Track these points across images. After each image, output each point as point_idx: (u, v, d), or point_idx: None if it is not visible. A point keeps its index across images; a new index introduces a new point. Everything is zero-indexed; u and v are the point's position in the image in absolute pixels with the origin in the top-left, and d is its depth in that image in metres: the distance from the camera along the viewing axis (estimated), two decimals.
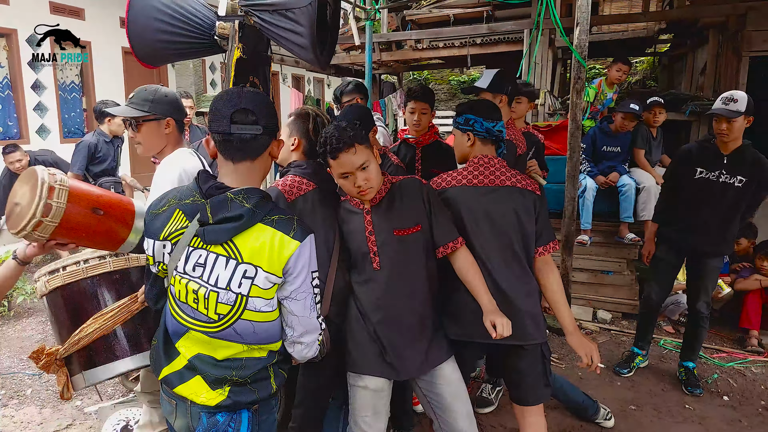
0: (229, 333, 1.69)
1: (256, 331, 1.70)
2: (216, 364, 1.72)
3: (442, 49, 8.72)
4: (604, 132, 5.47)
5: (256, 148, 1.70)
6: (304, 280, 1.70)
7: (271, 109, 1.73)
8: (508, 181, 2.49)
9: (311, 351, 1.80)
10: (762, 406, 3.81)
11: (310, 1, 3.03)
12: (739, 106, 3.46)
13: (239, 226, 1.63)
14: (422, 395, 2.45)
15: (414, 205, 2.32)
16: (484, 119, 2.53)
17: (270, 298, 1.68)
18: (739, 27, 5.99)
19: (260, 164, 1.74)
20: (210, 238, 1.65)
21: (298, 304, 1.71)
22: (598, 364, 2.40)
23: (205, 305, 1.69)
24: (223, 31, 3.33)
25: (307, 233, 1.70)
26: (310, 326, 1.75)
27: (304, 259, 1.68)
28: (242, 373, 1.73)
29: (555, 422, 3.51)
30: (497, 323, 2.18)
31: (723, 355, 4.61)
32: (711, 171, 3.71)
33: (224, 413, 1.74)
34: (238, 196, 1.64)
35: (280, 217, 1.68)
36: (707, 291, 3.91)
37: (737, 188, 3.65)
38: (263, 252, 1.64)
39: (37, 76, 8.16)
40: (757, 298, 4.86)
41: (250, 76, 3.46)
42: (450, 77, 16.77)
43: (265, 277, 1.65)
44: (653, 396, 3.92)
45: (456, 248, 2.32)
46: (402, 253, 2.29)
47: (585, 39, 4.42)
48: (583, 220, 5.34)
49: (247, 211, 1.62)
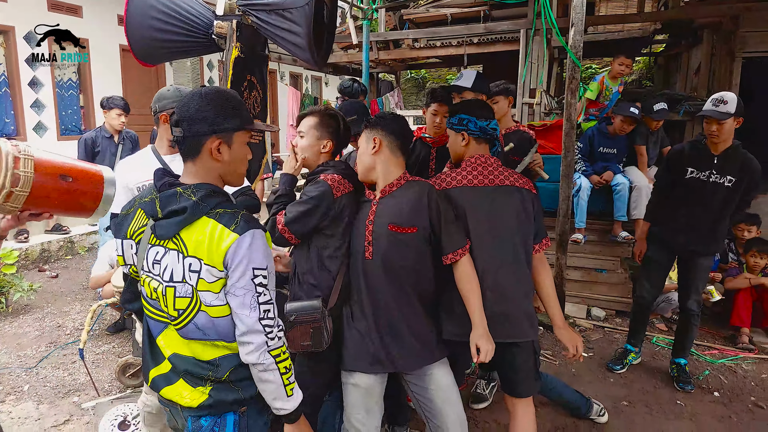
0: (190, 328, 1.70)
1: (215, 326, 1.69)
2: (192, 362, 1.73)
3: (440, 48, 8.76)
4: (602, 133, 5.51)
5: (189, 149, 1.70)
6: (243, 275, 1.64)
7: (202, 111, 1.68)
8: (506, 180, 2.53)
9: (254, 356, 1.66)
10: (752, 402, 3.86)
11: (307, 2, 3.06)
12: (728, 107, 3.51)
13: (184, 220, 1.64)
14: (414, 398, 2.49)
15: (416, 208, 2.35)
16: (478, 118, 2.57)
17: (217, 292, 1.66)
18: (733, 28, 6.05)
19: (203, 164, 1.72)
20: (159, 233, 1.68)
21: (236, 299, 1.65)
22: (581, 353, 2.57)
23: (165, 302, 1.71)
24: (220, 30, 3.35)
25: (250, 227, 1.66)
26: (249, 326, 1.66)
27: (242, 253, 1.63)
28: (219, 371, 1.72)
29: (548, 419, 3.55)
30: (482, 349, 2.27)
31: (714, 352, 4.66)
32: (702, 171, 3.77)
33: (208, 417, 1.74)
34: (187, 191, 1.66)
35: (225, 211, 1.67)
36: (698, 289, 3.97)
37: (727, 188, 3.71)
38: (203, 244, 1.63)
39: (35, 73, 8.16)
40: (747, 297, 4.91)
41: (248, 75, 3.50)
42: (447, 76, 16.80)
43: (207, 270, 1.64)
44: (645, 392, 3.97)
45: (464, 255, 2.37)
46: (393, 248, 2.34)
47: (580, 39, 4.46)
48: (578, 219, 5.38)
49: (192, 204, 1.63)
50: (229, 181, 1.81)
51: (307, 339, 2.34)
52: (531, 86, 7.18)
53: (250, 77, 3.52)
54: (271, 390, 1.70)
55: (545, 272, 2.64)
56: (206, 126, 1.68)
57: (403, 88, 14.66)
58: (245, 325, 1.65)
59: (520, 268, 2.51)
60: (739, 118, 3.58)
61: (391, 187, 2.41)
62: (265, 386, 1.70)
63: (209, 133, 1.69)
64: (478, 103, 2.74)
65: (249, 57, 3.48)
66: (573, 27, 4.46)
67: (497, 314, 2.42)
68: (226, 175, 1.79)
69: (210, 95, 1.71)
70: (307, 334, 2.33)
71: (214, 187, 1.72)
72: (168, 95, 2.92)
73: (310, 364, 2.48)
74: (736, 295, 4.96)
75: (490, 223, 2.47)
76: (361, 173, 2.49)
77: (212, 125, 1.68)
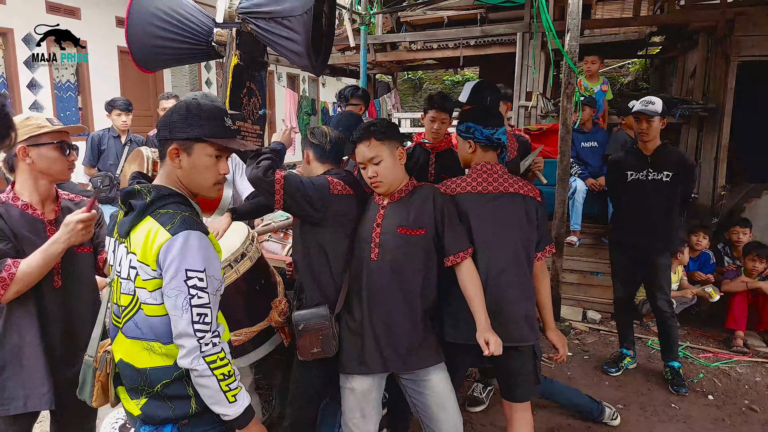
0: (130, 326, 1.72)
1: (151, 325, 1.69)
2: (129, 370, 1.74)
3: (436, 50, 8.79)
4: (576, 131, 5.65)
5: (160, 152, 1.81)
6: (174, 275, 1.62)
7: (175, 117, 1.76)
8: (511, 188, 2.60)
9: (187, 361, 1.64)
10: (745, 405, 3.91)
11: (305, 10, 3.09)
12: (656, 107, 3.87)
13: (134, 218, 1.70)
14: (411, 403, 2.52)
15: (425, 210, 2.42)
16: (484, 127, 2.64)
17: (151, 291, 1.66)
18: (728, 32, 6.08)
19: (165, 168, 1.80)
20: (119, 230, 1.76)
21: (169, 300, 1.64)
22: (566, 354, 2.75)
23: (117, 297, 1.78)
24: (220, 38, 3.38)
25: (184, 229, 1.64)
26: (181, 329, 1.63)
27: (174, 254, 1.62)
28: (149, 382, 1.71)
29: (543, 421, 3.59)
30: (491, 341, 2.29)
31: (709, 355, 4.71)
32: (639, 171, 4.06)
33: (147, 426, 1.76)
34: (144, 189, 1.73)
35: (166, 211, 1.68)
36: (663, 288, 4.09)
37: (666, 183, 3.98)
38: (140, 242, 1.67)
39: (33, 75, 8.19)
40: (743, 300, 4.95)
41: (247, 82, 3.53)
42: (444, 77, 16.84)
43: (140, 267, 1.66)
44: (640, 395, 4.01)
45: (466, 258, 2.42)
46: (401, 250, 2.39)
47: (575, 45, 4.50)
48: (573, 222, 5.43)
49: (142, 204, 1.69)
50: (193, 189, 1.83)
51: (316, 346, 2.38)
52: (527, 89, 7.22)
53: (249, 84, 3.55)
54: (208, 395, 1.68)
55: (544, 279, 2.74)
56: (167, 132, 1.76)
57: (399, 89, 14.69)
58: (177, 327, 1.64)
59: (522, 273, 2.57)
60: (664, 119, 3.95)
61: (401, 193, 2.48)
62: (202, 391, 1.68)
63: (168, 139, 1.76)
64: (487, 111, 2.80)
65: (248, 64, 3.51)
66: (569, 32, 4.51)
67: (498, 318, 2.46)
68: (189, 184, 1.81)
69: (185, 103, 1.78)
70: (316, 342, 2.38)
71: (170, 190, 1.76)
72: None
73: (301, 371, 2.53)
74: (732, 298, 5.00)
75: (493, 228, 2.54)
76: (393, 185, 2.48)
77: (172, 132, 1.75)
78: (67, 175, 2.27)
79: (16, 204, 2.15)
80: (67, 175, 2.27)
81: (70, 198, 2.39)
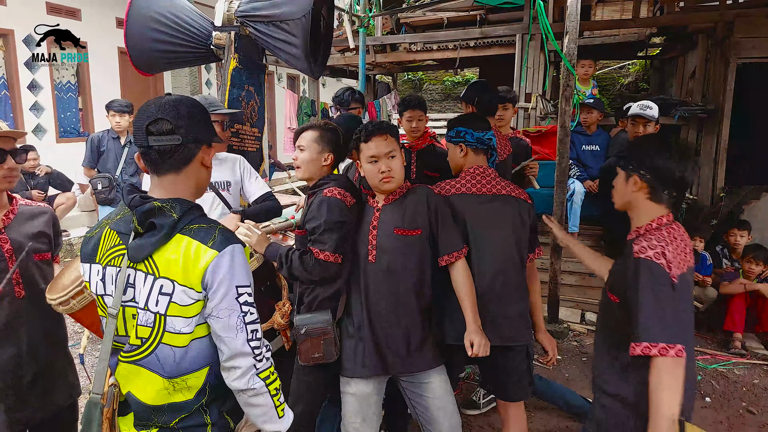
0: (151, 360, 1.54)
1: (177, 358, 1.53)
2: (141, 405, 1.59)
3: (436, 51, 8.80)
4: (578, 133, 5.67)
5: (180, 159, 1.58)
6: (226, 294, 1.50)
7: (195, 117, 1.59)
8: (503, 190, 2.65)
9: (242, 382, 1.53)
10: (743, 407, 3.92)
11: (304, 14, 3.11)
12: (653, 112, 3.98)
13: (160, 239, 1.50)
14: (410, 404, 2.53)
15: (419, 210, 2.44)
16: (474, 130, 2.68)
17: (191, 317, 1.52)
18: (727, 33, 6.08)
19: (188, 176, 1.61)
20: (132, 254, 1.52)
21: (220, 322, 1.51)
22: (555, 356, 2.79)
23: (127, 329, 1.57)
24: (219, 41, 3.40)
25: (229, 243, 1.52)
26: (236, 350, 1.52)
27: (224, 271, 1.50)
28: (165, 418, 1.58)
29: (541, 423, 3.60)
30: (476, 343, 2.34)
31: (707, 357, 4.72)
32: None
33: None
34: (166, 205, 1.52)
35: (200, 226, 1.54)
36: None
37: None
38: (178, 263, 1.49)
39: (34, 76, 8.20)
40: (741, 302, 4.96)
41: (246, 85, 3.55)
42: (444, 78, 16.83)
43: (182, 291, 1.49)
44: None
45: (460, 258, 2.45)
46: (398, 251, 2.41)
47: (574, 47, 4.51)
48: (571, 224, 5.44)
49: (170, 222, 1.50)
50: (201, 192, 1.72)
51: (318, 351, 2.39)
52: (527, 90, 7.23)
53: (248, 87, 3.57)
54: (260, 414, 1.59)
55: (535, 280, 2.81)
56: (202, 133, 1.61)
57: (400, 89, 14.69)
58: (231, 348, 1.52)
59: (516, 273, 2.62)
60: (657, 125, 4.06)
61: (394, 195, 2.49)
62: (254, 410, 1.59)
63: (203, 141, 1.62)
64: (474, 115, 2.87)
65: (247, 67, 3.53)
66: (567, 35, 4.52)
67: (493, 318, 2.52)
68: (204, 187, 1.72)
69: (195, 103, 1.63)
70: (318, 346, 2.38)
71: (191, 202, 1.60)
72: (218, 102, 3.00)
73: (302, 375, 2.53)
74: (731, 300, 5.01)
75: (488, 229, 2.58)
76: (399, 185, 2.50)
77: (198, 134, 1.60)
78: (2, 183, 2.12)
79: None
80: (2, 183, 2.12)
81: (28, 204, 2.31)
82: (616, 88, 12.93)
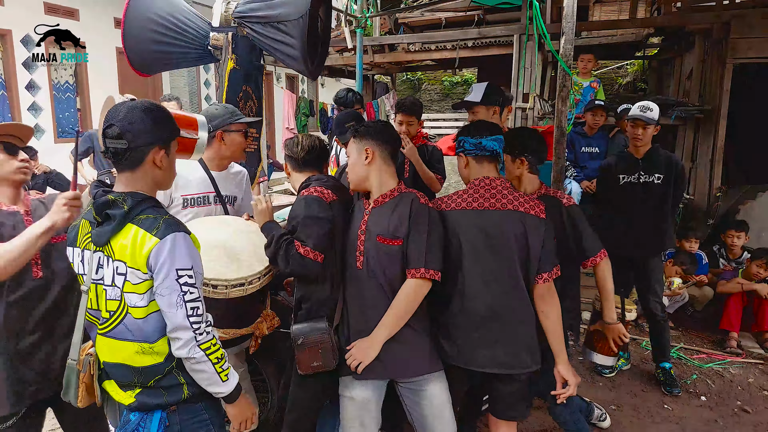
0: (120, 329, 1.80)
1: (140, 326, 1.79)
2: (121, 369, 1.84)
3: (434, 51, 8.81)
4: (579, 134, 5.69)
5: (131, 160, 1.80)
6: (166, 276, 1.73)
7: (145, 122, 1.79)
8: (510, 204, 2.41)
9: (184, 351, 1.78)
10: (738, 406, 3.94)
11: (301, 14, 3.13)
12: (653, 114, 3.92)
13: (114, 228, 1.75)
14: (407, 411, 2.51)
15: (402, 221, 2.34)
16: (471, 136, 2.52)
17: (143, 293, 1.76)
18: (724, 34, 6.11)
19: (143, 174, 1.84)
20: (95, 240, 1.79)
21: (163, 300, 1.75)
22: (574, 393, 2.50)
23: (99, 304, 1.83)
24: (216, 42, 3.42)
25: (171, 231, 1.75)
26: (177, 324, 1.76)
27: (164, 256, 1.73)
28: (144, 378, 1.83)
29: (537, 422, 3.62)
30: (351, 353, 2.34)
31: (702, 356, 4.74)
32: (631, 174, 4.10)
33: (137, 413, 1.86)
34: (119, 198, 1.77)
35: (147, 216, 1.78)
36: (655, 291, 4.13)
37: (658, 185, 4.03)
38: (127, 248, 1.74)
39: (32, 76, 8.21)
40: (738, 301, 4.98)
41: (243, 86, 3.56)
42: (443, 78, 16.85)
43: (132, 272, 1.75)
44: (633, 396, 4.04)
45: (415, 276, 2.30)
46: (382, 259, 2.35)
47: (570, 48, 4.52)
48: None
49: (121, 213, 1.74)
50: (161, 187, 1.95)
51: (316, 360, 2.37)
52: (524, 91, 7.24)
53: (245, 87, 3.58)
54: (204, 378, 1.84)
55: (554, 304, 2.44)
56: (150, 137, 1.81)
57: (398, 89, 14.71)
58: (172, 322, 1.76)
59: (519, 295, 2.40)
60: (658, 126, 3.99)
61: (384, 198, 2.42)
62: (199, 375, 1.83)
63: (153, 143, 1.82)
64: (475, 123, 2.68)
65: (244, 68, 3.54)
66: (563, 35, 4.53)
67: (490, 342, 2.38)
68: (162, 182, 1.93)
69: (147, 108, 1.83)
70: (316, 355, 2.37)
71: (144, 195, 1.83)
72: (218, 113, 2.92)
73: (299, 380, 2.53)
74: (727, 299, 5.03)
75: (486, 247, 2.39)
76: (354, 183, 2.50)
77: (150, 135, 1.81)
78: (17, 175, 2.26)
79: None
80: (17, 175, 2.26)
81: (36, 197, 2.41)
82: (614, 88, 12.96)
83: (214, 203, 2.99)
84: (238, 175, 3.17)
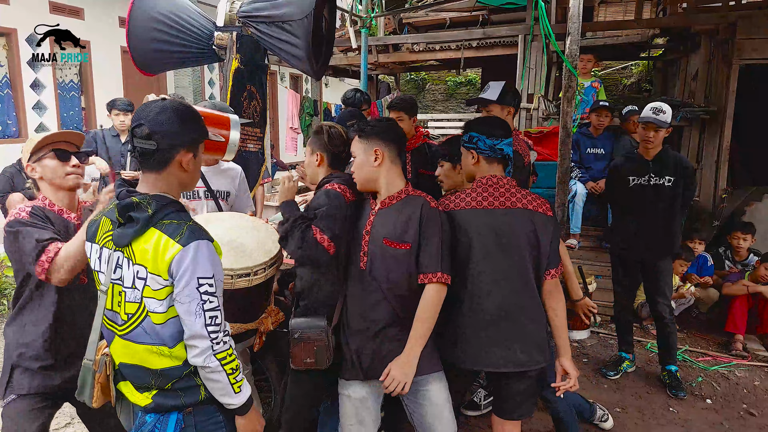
0: (139, 332, 1.78)
1: (159, 331, 1.76)
2: (138, 371, 1.83)
3: (439, 51, 8.79)
4: (585, 135, 5.68)
5: (158, 161, 1.77)
6: (187, 284, 1.71)
7: (174, 124, 1.76)
8: (519, 203, 2.43)
9: (200, 359, 1.75)
10: (743, 409, 3.92)
11: (306, 14, 3.12)
12: (666, 117, 3.87)
13: (137, 231, 1.72)
14: (407, 410, 2.50)
15: (411, 225, 2.32)
16: (487, 136, 2.48)
17: (162, 299, 1.74)
18: (730, 35, 6.07)
19: (168, 176, 1.81)
20: (116, 241, 1.77)
21: (182, 307, 1.73)
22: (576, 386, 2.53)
23: (119, 304, 1.81)
24: (221, 41, 3.41)
25: (194, 239, 1.72)
26: (195, 332, 1.74)
27: (186, 264, 1.70)
28: (161, 381, 1.81)
29: (542, 424, 3.61)
30: (392, 377, 2.26)
31: (708, 358, 4.71)
32: (641, 176, 4.06)
33: (153, 414, 1.85)
34: (143, 201, 1.73)
35: (171, 222, 1.74)
36: (664, 294, 4.10)
37: (668, 187, 3.99)
38: (149, 253, 1.71)
39: (37, 75, 8.21)
40: (743, 303, 4.95)
41: (248, 85, 3.55)
42: (447, 78, 16.83)
43: (152, 278, 1.72)
44: (638, 398, 4.02)
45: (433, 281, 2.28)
46: (387, 262, 2.33)
47: (576, 48, 4.51)
48: (573, 225, 5.44)
49: (145, 217, 1.71)
50: (186, 189, 1.94)
51: (310, 357, 2.37)
52: (529, 91, 7.22)
53: (249, 87, 3.58)
54: (218, 388, 1.81)
55: (560, 299, 2.50)
56: (179, 139, 1.78)
57: (403, 89, 14.69)
58: (190, 330, 1.74)
59: (530, 293, 2.42)
60: (669, 128, 3.94)
61: (392, 199, 2.39)
62: (212, 384, 1.81)
63: (182, 146, 1.79)
64: (492, 120, 2.65)
65: (249, 67, 3.54)
66: (569, 36, 4.51)
67: (503, 341, 2.37)
68: (188, 184, 1.91)
69: (178, 109, 1.79)
70: (310, 352, 2.36)
71: (169, 199, 1.80)
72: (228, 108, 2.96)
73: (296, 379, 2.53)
74: (733, 301, 5.01)
75: (496, 246, 2.38)
76: (362, 184, 2.45)
77: (183, 138, 1.79)
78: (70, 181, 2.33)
79: (53, 209, 2.32)
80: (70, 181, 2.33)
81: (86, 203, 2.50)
82: (619, 89, 12.93)
83: (205, 198, 3.06)
84: (230, 172, 3.22)
